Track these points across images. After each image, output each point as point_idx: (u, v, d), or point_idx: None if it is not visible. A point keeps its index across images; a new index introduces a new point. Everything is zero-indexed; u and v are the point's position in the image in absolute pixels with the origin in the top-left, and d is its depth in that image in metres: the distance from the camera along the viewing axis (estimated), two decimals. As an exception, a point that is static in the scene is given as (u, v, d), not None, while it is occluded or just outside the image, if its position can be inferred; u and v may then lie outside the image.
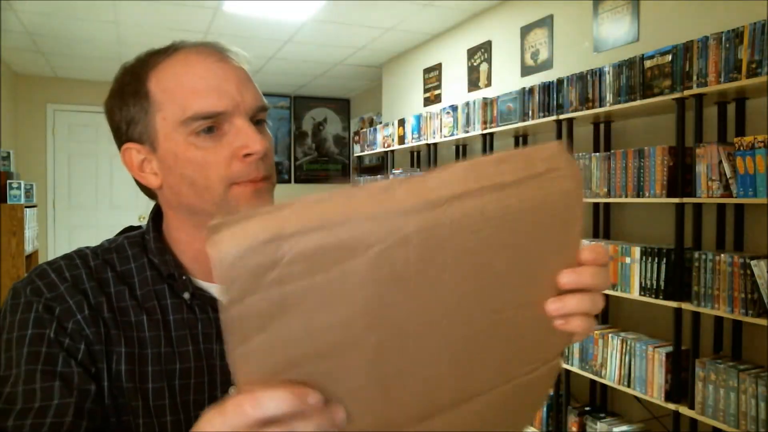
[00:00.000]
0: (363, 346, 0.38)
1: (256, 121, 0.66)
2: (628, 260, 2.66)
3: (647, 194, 2.56)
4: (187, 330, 0.65)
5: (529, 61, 3.75)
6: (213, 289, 0.67)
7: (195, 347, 0.65)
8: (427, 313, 0.40)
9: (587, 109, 2.94)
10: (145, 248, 0.69)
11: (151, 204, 0.73)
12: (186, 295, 0.66)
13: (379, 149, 5.16)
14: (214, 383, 0.65)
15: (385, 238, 0.36)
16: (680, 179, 2.44)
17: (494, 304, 0.44)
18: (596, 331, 2.86)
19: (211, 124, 0.62)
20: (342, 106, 7.61)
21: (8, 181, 4.32)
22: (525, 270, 0.46)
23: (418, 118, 4.52)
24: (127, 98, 0.65)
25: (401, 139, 4.78)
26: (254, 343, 0.35)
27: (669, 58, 2.51)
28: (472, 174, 0.40)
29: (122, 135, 0.67)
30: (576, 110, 3.00)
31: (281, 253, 0.33)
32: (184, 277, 0.66)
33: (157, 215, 0.71)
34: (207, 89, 0.62)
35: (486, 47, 4.17)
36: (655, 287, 2.53)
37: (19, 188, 4.33)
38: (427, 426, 0.44)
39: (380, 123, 5.63)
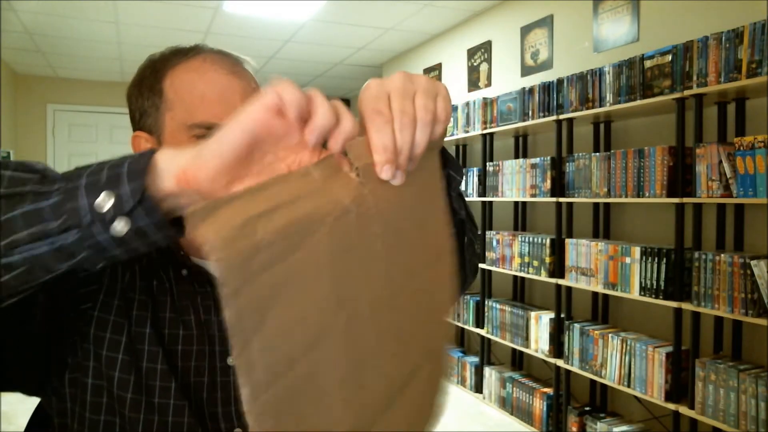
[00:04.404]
0: (337, 329, 0.41)
1: None
2: (628, 260, 2.66)
3: (647, 194, 2.56)
4: (189, 301, 0.69)
5: (529, 61, 3.75)
6: (209, 265, 0.70)
7: (196, 317, 0.69)
8: (373, 285, 0.44)
9: (587, 109, 2.94)
10: None
11: None
12: (184, 272, 0.70)
13: (379, 149, 5.16)
14: (213, 353, 0.68)
15: (332, 210, 0.40)
16: (680, 179, 2.44)
17: (411, 266, 0.49)
18: (596, 331, 2.86)
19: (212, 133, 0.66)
20: (342, 106, 7.60)
21: (8, 181, 4.32)
22: (423, 234, 0.51)
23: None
24: (144, 91, 0.70)
25: (401, 139, 4.77)
26: (255, 344, 0.37)
27: (669, 58, 2.51)
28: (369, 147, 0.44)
29: (135, 123, 0.72)
30: (576, 110, 3.00)
31: (260, 235, 0.36)
32: (182, 252, 0.70)
33: None
34: (214, 100, 0.66)
35: (486, 47, 4.17)
36: (655, 287, 2.53)
37: (19, 188, 4.33)
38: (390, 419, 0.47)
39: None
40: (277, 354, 0.38)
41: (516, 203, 3.77)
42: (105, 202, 0.42)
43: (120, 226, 0.43)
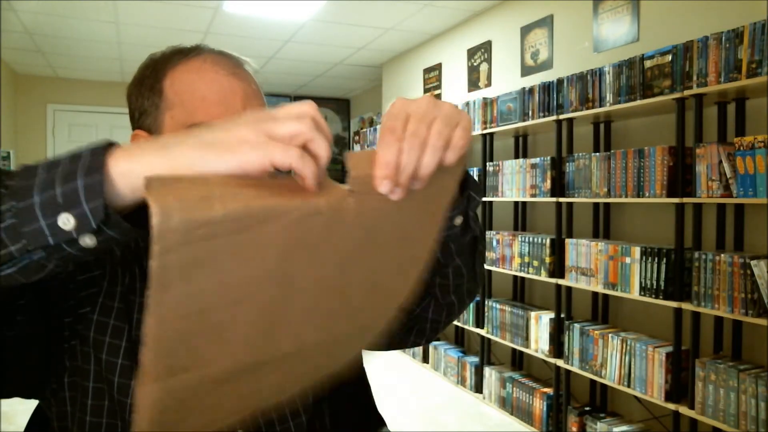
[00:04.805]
0: (261, 298, 0.45)
1: None
2: (628, 260, 2.66)
3: (647, 194, 2.56)
4: None
5: (529, 61, 3.75)
6: None
7: None
8: (322, 274, 0.47)
9: (587, 109, 2.94)
10: None
11: None
12: None
13: (379, 149, 5.15)
14: None
15: (300, 207, 0.42)
16: (680, 179, 2.44)
17: (376, 269, 0.52)
18: (596, 331, 2.86)
19: None
20: (342, 106, 7.61)
21: (8, 181, 4.32)
22: (404, 246, 0.54)
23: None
24: (144, 90, 0.70)
25: (401, 139, 4.77)
26: (174, 290, 0.39)
27: (669, 58, 2.51)
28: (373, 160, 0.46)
29: (135, 121, 0.72)
30: (576, 110, 3.00)
31: (214, 212, 0.38)
32: None
33: None
34: (214, 101, 0.66)
35: (486, 47, 4.17)
36: (655, 287, 2.53)
37: (19, 188, 4.33)
38: (293, 359, 0.52)
39: (380, 123, 5.63)
40: (194, 302, 0.41)
41: (516, 203, 3.77)
42: (67, 223, 0.40)
43: (87, 239, 0.42)
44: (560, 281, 3.09)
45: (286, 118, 0.43)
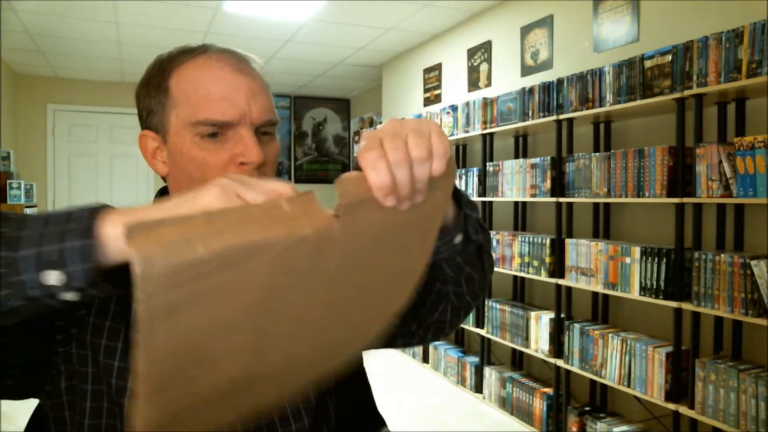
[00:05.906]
0: (248, 326, 0.45)
1: (263, 132, 0.70)
2: (628, 260, 2.66)
3: (647, 194, 2.56)
4: None
5: (529, 61, 3.75)
6: None
7: None
8: (310, 295, 0.47)
9: (587, 109, 2.94)
10: None
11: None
12: None
13: (379, 149, 5.15)
14: None
15: (286, 238, 0.42)
16: (680, 179, 2.44)
17: (365, 281, 0.53)
18: (596, 331, 2.86)
19: (216, 131, 0.66)
20: (342, 106, 7.61)
21: (8, 181, 4.33)
22: (396, 259, 0.54)
23: (419, 117, 4.50)
24: (151, 90, 0.70)
25: (401, 139, 4.77)
26: (160, 331, 0.40)
27: (669, 58, 2.51)
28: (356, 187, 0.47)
29: (143, 121, 0.72)
30: (576, 110, 3.00)
31: (197, 254, 0.39)
32: None
33: (162, 197, 0.76)
34: (218, 97, 0.66)
35: (486, 47, 4.17)
36: (655, 287, 2.53)
37: (19, 188, 4.34)
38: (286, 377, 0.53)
39: (380, 123, 5.63)
40: (182, 339, 0.41)
41: (516, 203, 3.77)
42: (53, 279, 0.43)
43: (69, 296, 0.44)
44: (560, 281, 3.09)
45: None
